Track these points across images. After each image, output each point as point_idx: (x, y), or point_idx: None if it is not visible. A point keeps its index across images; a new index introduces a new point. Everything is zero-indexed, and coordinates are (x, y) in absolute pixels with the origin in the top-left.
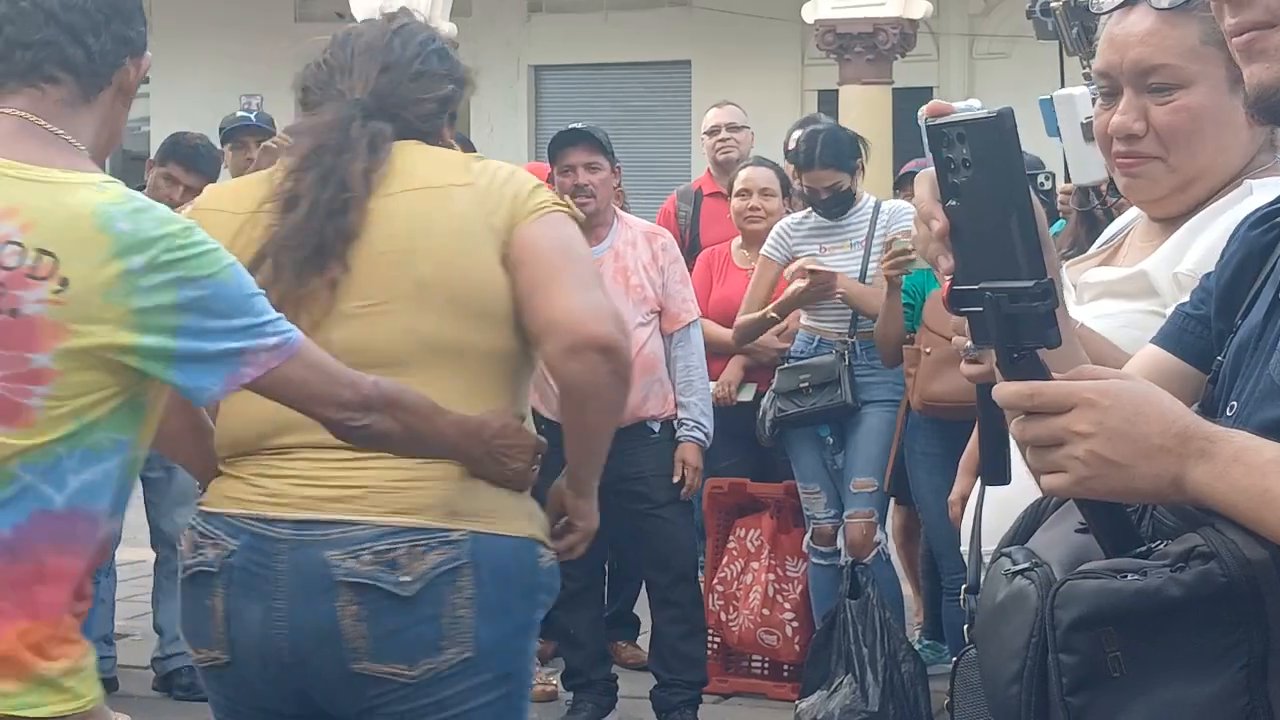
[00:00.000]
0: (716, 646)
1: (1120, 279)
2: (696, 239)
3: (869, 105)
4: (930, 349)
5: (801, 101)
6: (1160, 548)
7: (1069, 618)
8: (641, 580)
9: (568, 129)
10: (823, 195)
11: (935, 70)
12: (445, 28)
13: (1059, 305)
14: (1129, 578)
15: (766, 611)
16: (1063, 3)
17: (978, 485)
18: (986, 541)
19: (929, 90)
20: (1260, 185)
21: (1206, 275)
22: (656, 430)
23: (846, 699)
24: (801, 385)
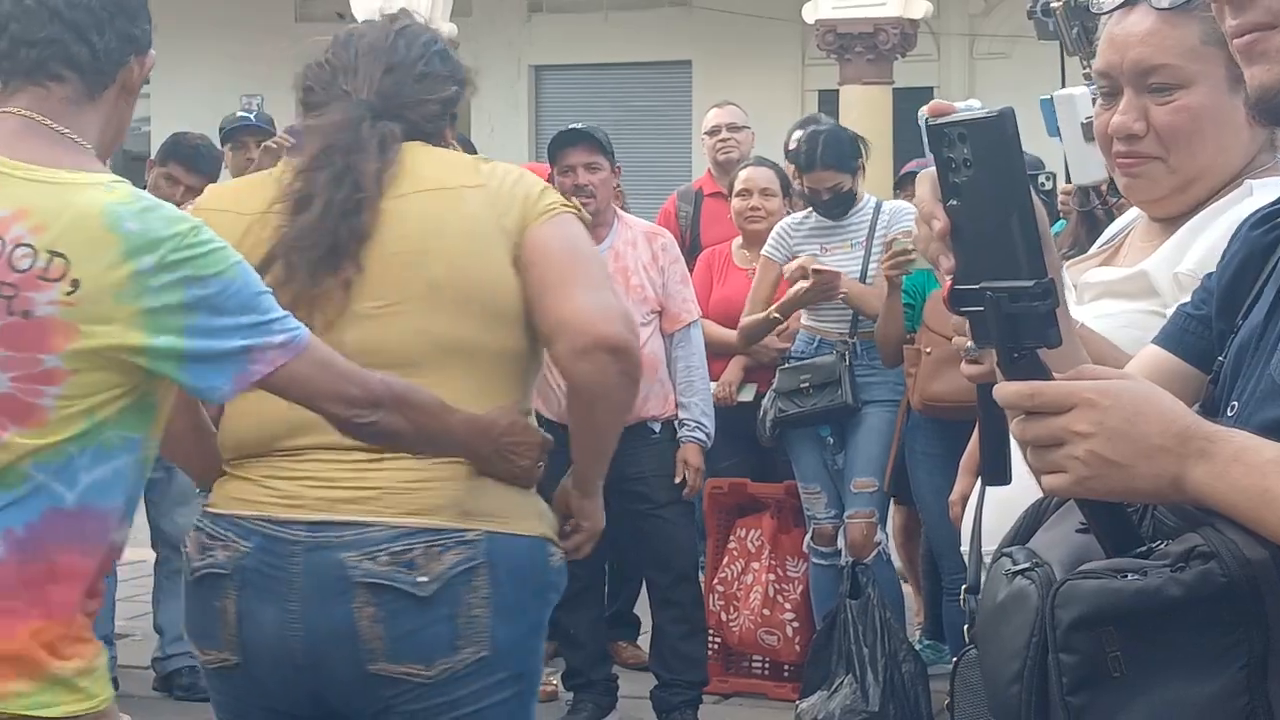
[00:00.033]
0: (717, 647)
1: (1121, 279)
2: (697, 239)
3: (869, 105)
4: (931, 349)
5: (802, 101)
6: (1160, 548)
7: (1069, 617)
8: (642, 580)
9: (568, 129)
10: (824, 196)
11: (936, 70)
12: (446, 28)
13: (1059, 305)
14: (1129, 578)
15: (767, 612)
16: (1063, 3)
17: (978, 485)
18: (987, 541)
19: (929, 90)
20: (1261, 185)
21: (1208, 275)
22: (657, 430)
23: (847, 699)
24: (802, 385)
